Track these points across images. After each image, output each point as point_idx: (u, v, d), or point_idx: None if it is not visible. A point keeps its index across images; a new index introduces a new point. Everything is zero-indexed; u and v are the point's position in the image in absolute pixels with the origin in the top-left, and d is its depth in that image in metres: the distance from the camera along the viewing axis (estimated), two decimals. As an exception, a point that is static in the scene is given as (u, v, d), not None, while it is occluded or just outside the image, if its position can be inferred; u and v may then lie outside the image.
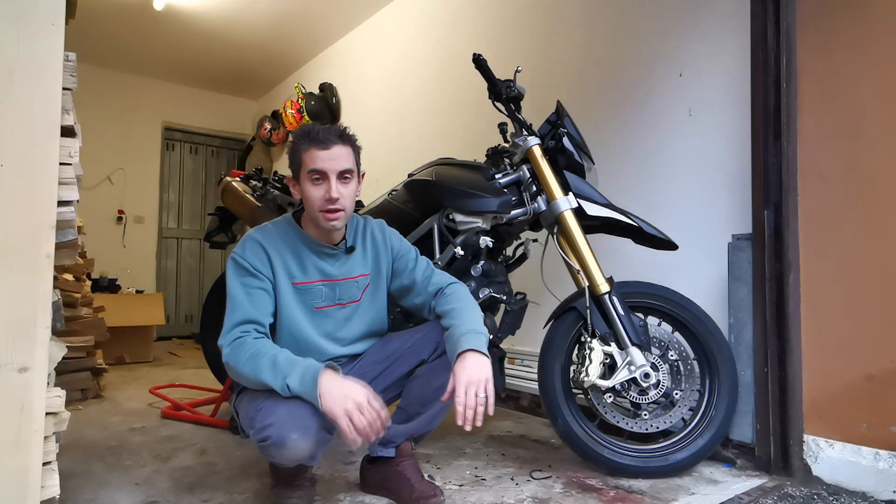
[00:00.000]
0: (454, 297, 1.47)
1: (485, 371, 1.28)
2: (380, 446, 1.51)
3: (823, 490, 1.61)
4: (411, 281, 1.54)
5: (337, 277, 1.47)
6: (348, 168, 1.38)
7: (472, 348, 1.31)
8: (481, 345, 1.33)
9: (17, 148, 0.99)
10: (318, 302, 1.45)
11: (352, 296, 1.50)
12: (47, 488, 1.01)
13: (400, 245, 1.58)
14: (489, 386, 1.27)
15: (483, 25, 3.18)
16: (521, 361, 2.63)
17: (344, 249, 1.48)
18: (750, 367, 1.83)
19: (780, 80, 1.81)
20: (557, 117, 1.92)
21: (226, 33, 4.51)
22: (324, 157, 1.35)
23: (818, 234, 1.74)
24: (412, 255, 1.57)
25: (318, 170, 1.36)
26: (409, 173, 2.08)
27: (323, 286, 1.45)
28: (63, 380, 2.66)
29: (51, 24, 1.02)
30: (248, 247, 1.40)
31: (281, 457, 1.23)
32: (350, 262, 1.49)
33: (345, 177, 1.38)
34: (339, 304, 1.48)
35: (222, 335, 1.32)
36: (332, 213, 1.37)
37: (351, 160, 1.40)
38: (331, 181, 1.36)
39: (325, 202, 1.36)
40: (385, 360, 1.51)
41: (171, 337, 5.49)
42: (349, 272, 1.49)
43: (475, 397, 1.24)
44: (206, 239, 2.81)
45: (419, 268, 1.55)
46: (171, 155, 5.72)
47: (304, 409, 1.21)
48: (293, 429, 1.19)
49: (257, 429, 1.22)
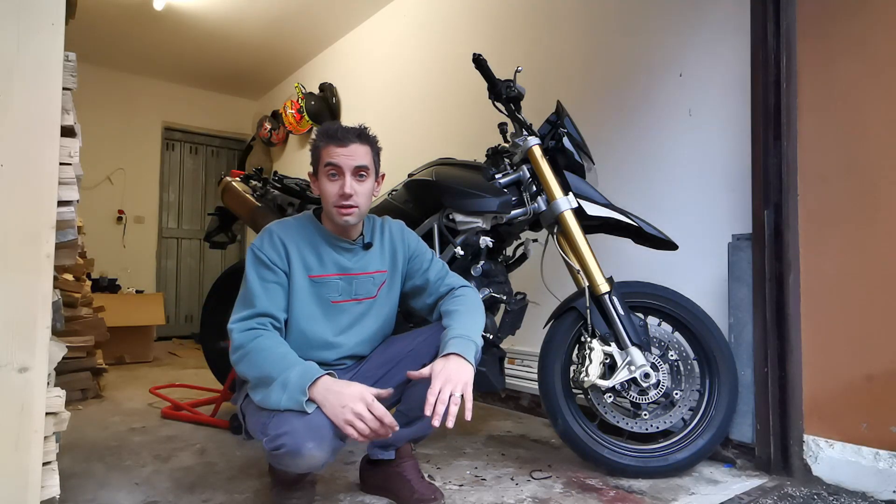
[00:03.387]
0: (461, 299, 1.48)
1: (464, 375, 1.26)
2: (379, 449, 1.51)
3: (823, 490, 1.61)
4: (424, 281, 1.55)
5: (354, 271, 1.48)
6: (364, 165, 1.40)
7: (458, 353, 1.30)
8: (468, 353, 1.31)
9: (17, 148, 0.99)
10: (335, 296, 1.46)
11: (368, 291, 1.50)
12: (47, 488, 1.01)
13: (417, 245, 1.59)
14: (467, 390, 1.25)
15: (483, 25, 3.18)
16: (521, 361, 2.63)
17: (361, 245, 1.50)
18: (750, 367, 1.83)
19: (780, 80, 1.81)
20: (557, 117, 1.92)
21: (226, 33, 4.51)
22: (340, 153, 1.38)
23: (818, 234, 1.74)
24: (428, 256, 1.58)
25: (334, 164, 1.38)
26: (409, 173, 2.08)
27: (339, 280, 1.46)
28: (63, 380, 2.66)
29: (51, 24, 1.02)
30: (266, 239, 1.42)
31: (296, 466, 1.22)
32: (367, 257, 1.50)
33: (360, 174, 1.40)
34: (355, 299, 1.48)
35: (234, 320, 1.33)
36: (345, 208, 1.39)
37: (368, 158, 1.42)
38: (346, 177, 1.38)
39: (339, 197, 1.38)
40: (386, 363, 1.50)
41: (171, 337, 5.49)
42: (365, 267, 1.50)
43: (449, 396, 1.23)
44: (206, 239, 2.80)
45: (433, 268, 1.56)
46: (171, 155, 5.72)
47: (319, 418, 1.20)
48: (309, 438, 1.18)
49: (271, 437, 1.20)
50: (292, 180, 2.47)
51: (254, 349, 1.28)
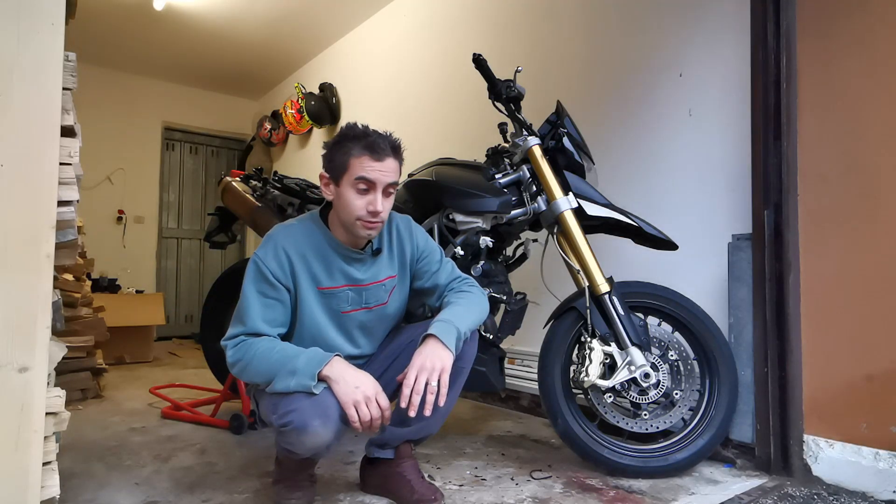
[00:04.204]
0: (462, 294, 1.48)
1: (441, 360, 1.28)
2: (377, 448, 1.51)
3: (823, 490, 1.61)
4: (434, 284, 1.53)
5: (364, 282, 1.44)
6: (395, 182, 1.37)
7: (435, 335, 1.30)
8: (448, 337, 1.32)
9: (17, 148, 0.99)
10: (345, 306, 1.44)
11: (378, 298, 1.48)
12: (47, 488, 1.01)
13: (426, 244, 1.55)
14: (444, 376, 1.27)
15: (483, 25, 3.18)
16: (521, 361, 2.63)
17: (371, 253, 1.45)
18: (750, 367, 1.83)
19: (780, 80, 1.81)
20: (557, 117, 1.92)
21: (226, 33, 4.51)
22: (377, 168, 1.32)
23: (818, 234, 1.74)
24: (437, 257, 1.55)
25: (369, 179, 1.32)
26: (409, 173, 2.08)
27: (349, 290, 1.43)
28: (63, 380, 2.66)
29: (51, 24, 1.02)
30: (270, 252, 1.36)
31: (301, 443, 1.25)
32: (377, 265, 1.47)
33: (389, 191, 1.37)
34: (365, 307, 1.46)
35: (227, 337, 1.34)
36: (371, 224, 1.35)
37: (398, 174, 1.39)
38: (377, 193, 1.34)
39: (369, 213, 1.33)
40: (390, 356, 1.51)
41: (171, 337, 5.49)
42: (376, 276, 1.46)
43: (425, 385, 1.25)
44: (206, 239, 2.80)
45: (443, 271, 1.54)
46: (171, 155, 5.72)
47: (327, 398, 1.24)
48: (315, 416, 1.22)
49: (280, 413, 1.24)
50: (292, 180, 2.47)
51: (253, 358, 1.29)
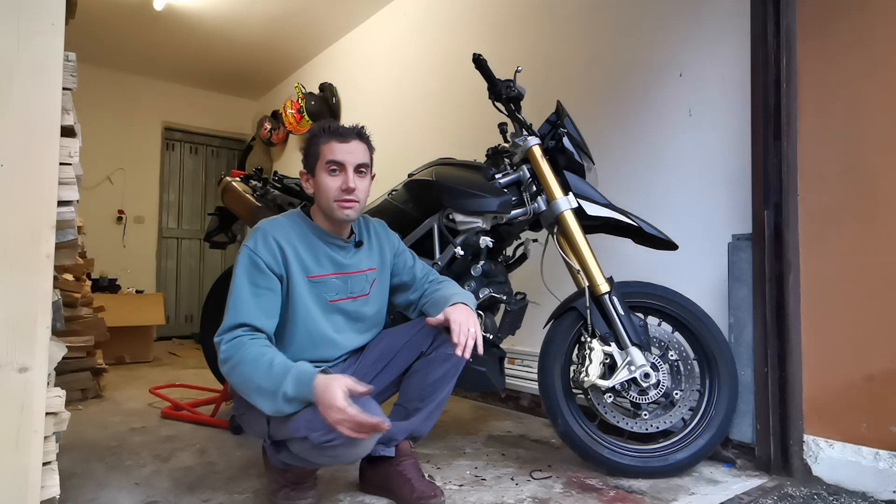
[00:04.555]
0: (446, 283, 1.62)
1: (475, 320, 1.42)
2: (380, 445, 1.51)
3: (823, 490, 1.61)
4: (411, 277, 1.62)
5: (349, 269, 1.50)
6: (364, 162, 1.45)
7: (464, 302, 1.45)
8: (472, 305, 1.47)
9: (17, 148, 0.99)
10: (332, 295, 1.47)
11: (362, 289, 1.53)
12: (47, 488, 1.01)
13: (400, 244, 1.66)
14: (479, 331, 1.40)
15: (483, 25, 3.18)
16: (521, 361, 2.63)
17: (353, 243, 1.53)
18: (750, 367, 1.83)
19: (780, 80, 1.81)
20: (557, 117, 1.92)
21: (226, 33, 4.50)
22: (343, 150, 1.42)
23: (818, 234, 1.74)
24: (409, 255, 1.66)
25: (337, 161, 1.41)
26: (409, 173, 2.08)
27: (336, 279, 1.48)
28: (63, 380, 2.66)
29: (51, 24, 1.02)
30: (260, 240, 1.39)
31: (347, 455, 1.24)
32: (359, 255, 1.54)
33: (360, 170, 1.45)
34: (350, 297, 1.51)
35: (220, 331, 1.32)
36: (347, 202, 1.42)
37: (367, 157, 1.47)
38: (348, 172, 1.42)
39: (342, 192, 1.41)
40: (383, 358, 1.51)
41: (171, 337, 5.49)
42: (358, 265, 1.53)
43: (468, 331, 1.37)
44: (206, 239, 2.80)
45: (418, 265, 1.65)
46: (171, 155, 5.72)
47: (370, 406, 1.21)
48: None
49: (322, 431, 1.17)
50: (292, 180, 2.47)
51: (240, 360, 1.25)
